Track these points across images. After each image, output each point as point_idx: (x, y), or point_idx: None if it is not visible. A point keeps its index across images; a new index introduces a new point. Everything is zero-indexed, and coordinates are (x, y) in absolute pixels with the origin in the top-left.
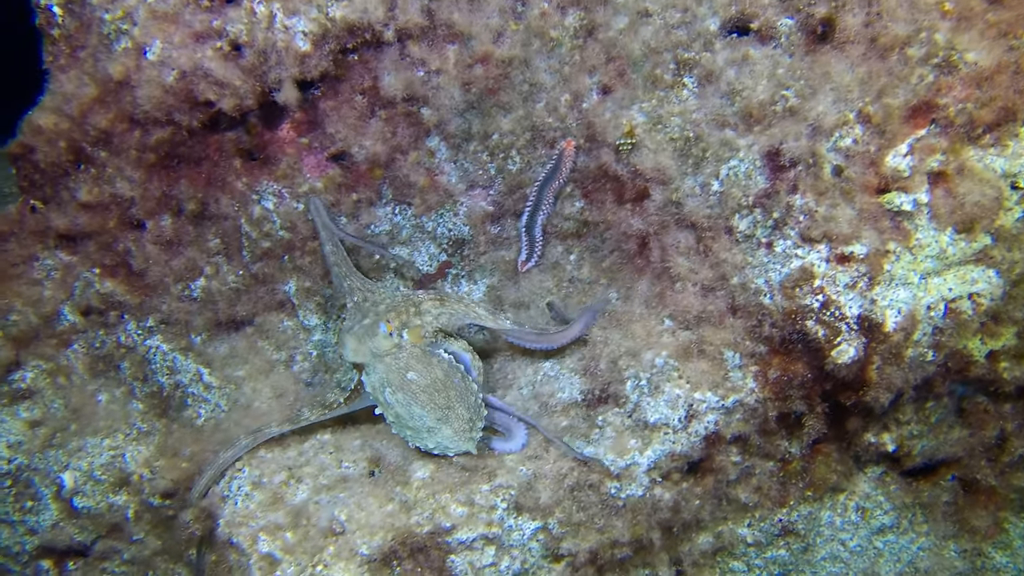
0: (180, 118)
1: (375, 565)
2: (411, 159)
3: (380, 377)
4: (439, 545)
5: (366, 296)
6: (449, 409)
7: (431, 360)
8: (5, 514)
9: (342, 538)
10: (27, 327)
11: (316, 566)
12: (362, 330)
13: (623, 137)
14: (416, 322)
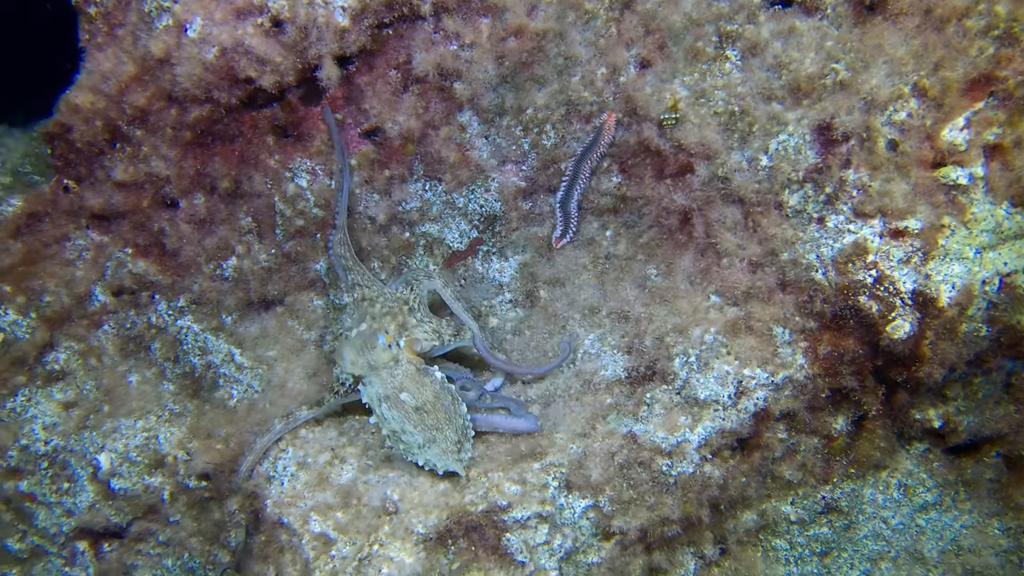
0: (219, 95)
1: (431, 544)
2: (442, 134)
3: (377, 391)
4: (494, 523)
5: (364, 294)
6: (438, 431)
7: (424, 380)
8: (42, 496)
9: (396, 517)
10: (60, 308)
11: (372, 545)
12: (360, 340)
13: (667, 111)
14: (411, 321)
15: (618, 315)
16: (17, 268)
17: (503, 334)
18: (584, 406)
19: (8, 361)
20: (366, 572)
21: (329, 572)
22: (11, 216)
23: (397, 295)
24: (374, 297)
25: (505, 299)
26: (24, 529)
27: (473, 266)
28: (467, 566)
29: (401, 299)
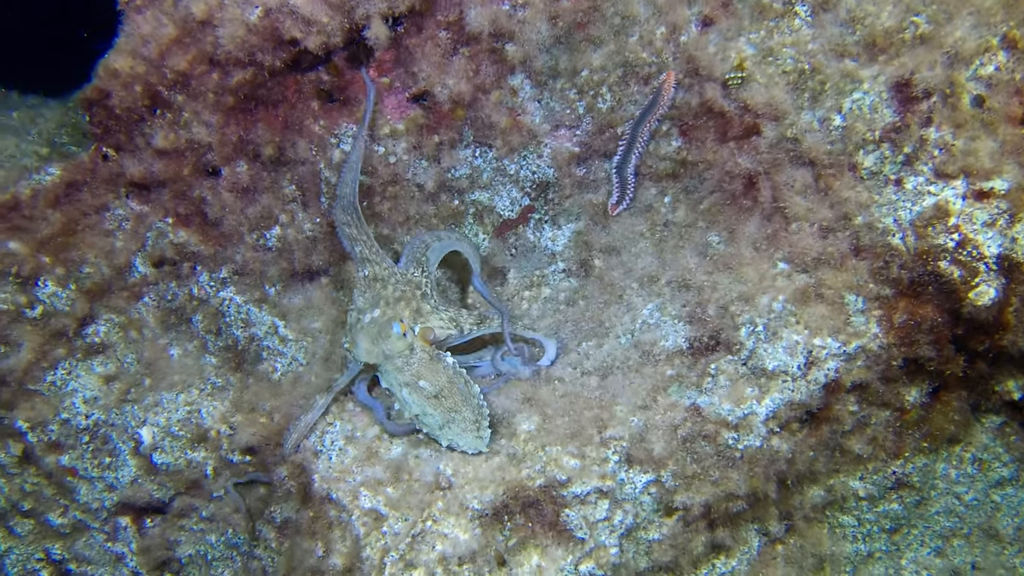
0: (263, 58)
1: (486, 520)
2: (493, 98)
3: (396, 378)
4: (553, 499)
5: (375, 272)
6: (455, 412)
7: (437, 367)
8: (84, 470)
9: (450, 492)
10: (100, 279)
11: (425, 521)
12: (375, 329)
13: (733, 70)
14: (426, 308)
15: (678, 284)
16: (56, 238)
17: (556, 304)
18: (644, 378)
19: (48, 333)
20: (419, 549)
21: (381, 549)
22: (49, 185)
23: (408, 277)
24: (385, 277)
25: (558, 268)
26: (66, 504)
27: (524, 235)
28: (524, 543)
29: (413, 282)
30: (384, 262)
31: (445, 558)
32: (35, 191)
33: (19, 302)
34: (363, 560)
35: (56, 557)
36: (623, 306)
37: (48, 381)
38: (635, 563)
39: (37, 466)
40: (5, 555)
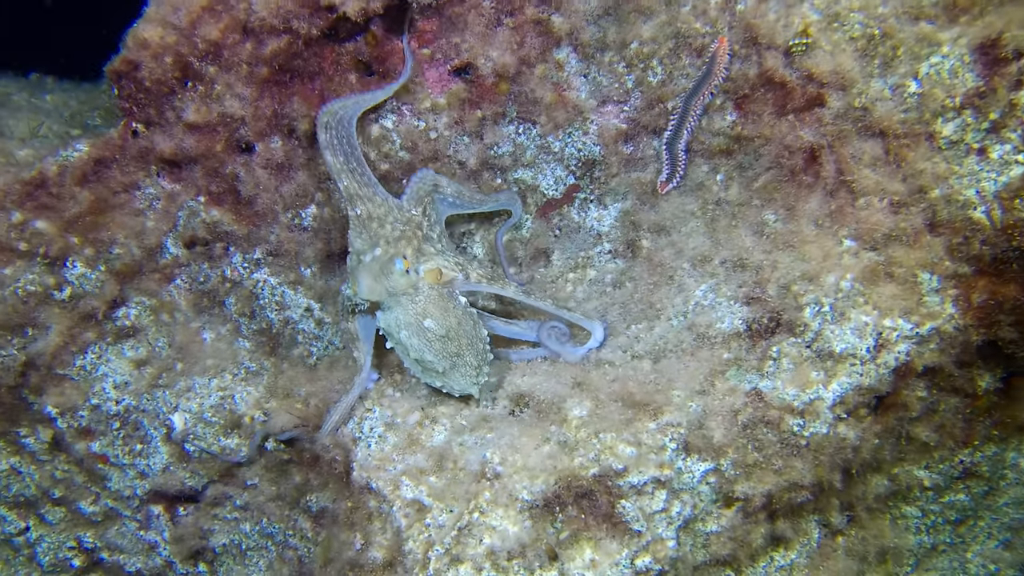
0: (298, 25)
1: (537, 511)
2: (538, 72)
3: (396, 318)
4: (608, 489)
5: (368, 211)
6: (458, 357)
7: (448, 305)
8: (115, 457)
9: (498, 482)
10: (130, 260)
11: (472, 513)
12: (377, 266)
13: (797, 36)
14: (430, 250)
15: (733, 263)
16: (85, 218)
17: (602, 287)
18: (700, 361)
19: (77, 316)
20: (466, 542)
21: (424, 542)
22: (77, 162)
23: (408, 215)
24: (382, 216)
25: (604, 249)
26: (97, 491)
27: (569, 215)
28: (576, 536)
29: (413, 221)
30: (378, 196)
31: (493, 552)
32: (62, 168)
33: (47, 283)
34: (405, 554)
35: (88, 545)
36: (674, 287)
37: (78, 365)
38: (692, 557)
39: (68, 453)
40: (37, 543)
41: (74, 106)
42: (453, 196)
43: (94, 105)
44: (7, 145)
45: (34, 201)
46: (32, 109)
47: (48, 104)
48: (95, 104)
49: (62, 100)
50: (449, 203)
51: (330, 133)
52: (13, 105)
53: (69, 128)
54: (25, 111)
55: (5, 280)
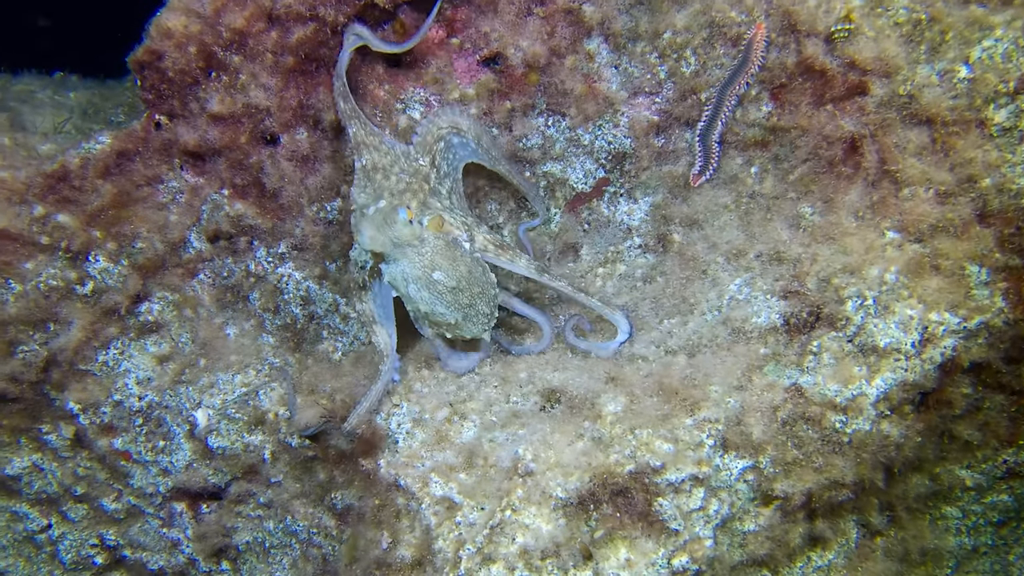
0: (325, 12)
1: (571, 509)
2: (568, 63)
3: (403, 271)
4: (645, 487)
5: (374, 161)
6: (471, 307)
7: (455, 255)
8: (138, 454)
9: (531, 479)
10: (153, 255)
11: (504, 511)
12: (380, 216)
13: (840, 22)
14: (436, 205)
15: (770, 257)
16: (107, 211)
17: (633, 281)
18: (736, 356)
19: (99, 311)
20: (498, 541)
21: (455, 541)
22: (99, 154)
23: (415, 165)
24: (387, 166)
25: (634, 244)
26: (120, 488)
27: (599, 209)
28: (611, 534)
29: (420, 172)
30: (384, 145)
31: (527, 551)
32: (84, 160)
33: (69, 278)
34: (435, 552)
35: (111, 543)
36: (708, 281)
37: (100, 361)
38: (729, 556)
39: (90, 449)
40: (59, 540)
41: (98, 102)
42: (475, 139)
43: (117, 101)
44: (30, 140)
45: (56, 194)
46: (55, 106)
47: (71, 101)
48: (118, 100)
49: (86, 97)
50: (471, 149)
51: (342, 80)
52: (36, 102)
53: (92, 124)
54: (48, 108)
55: (27, 274)
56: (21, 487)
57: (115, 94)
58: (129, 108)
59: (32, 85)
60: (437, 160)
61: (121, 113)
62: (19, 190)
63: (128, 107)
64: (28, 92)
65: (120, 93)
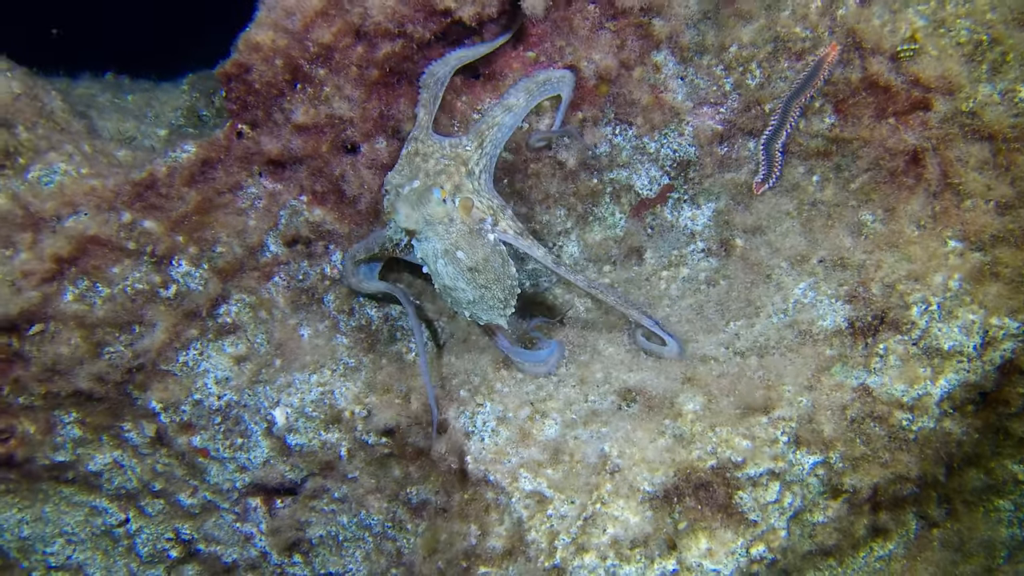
0: (412, 30)
1: (657, 502)
2: (636, 75)
3: (435, 247)
4: (726, 481)
5: (417, 148)
6: (486, 289)
7: (476, 242)
8: (216, 451)
9: (618, 475)
10: (232, 259)
11: (595, 504)
12: (415, 196)
13: (905, 42)
14: (468, 186)
15: (833, 263)
16: (191, 217)
17: (696, 284)
18: (804, 357)
19: (181, 314)
20: (590, 532)
21: (548, 532)
22: (185, 163)
23: (457, 151)
24: (428, 152)
25: (697, 248)
26: (196, 484)
27: (662, 214)
28: (694, 526)
29: (460, 157)
30: (430, 140)
31: (617, 541)
32: (171, 169)
33: (154, 282)
34: (528, 543)
35: (185, 536)
36: (772, 285)
37: (180, 361)
38: (800, 546)
39: (169, 447)
40: (136, 534)
41: (156, 106)
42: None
43: (174, 104)
44: (107, 146)
45: (143, 201)
46: (116, 110)
47: (130, 104)
48: (175, 103)
49: (143, 100)
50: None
51: (427, 78)
52: (99, 106)
53: (153, 128)
54: (111, 112)
55: (114, 278)
56: (102, 483)
57: (171, 97)
58: (187, 112)
59: (92, 88)
60: (485, 142)
61: (180, 117)
62: (108, 198)
63: (186, 111)
64: (90, 96)
65: (176, 96)
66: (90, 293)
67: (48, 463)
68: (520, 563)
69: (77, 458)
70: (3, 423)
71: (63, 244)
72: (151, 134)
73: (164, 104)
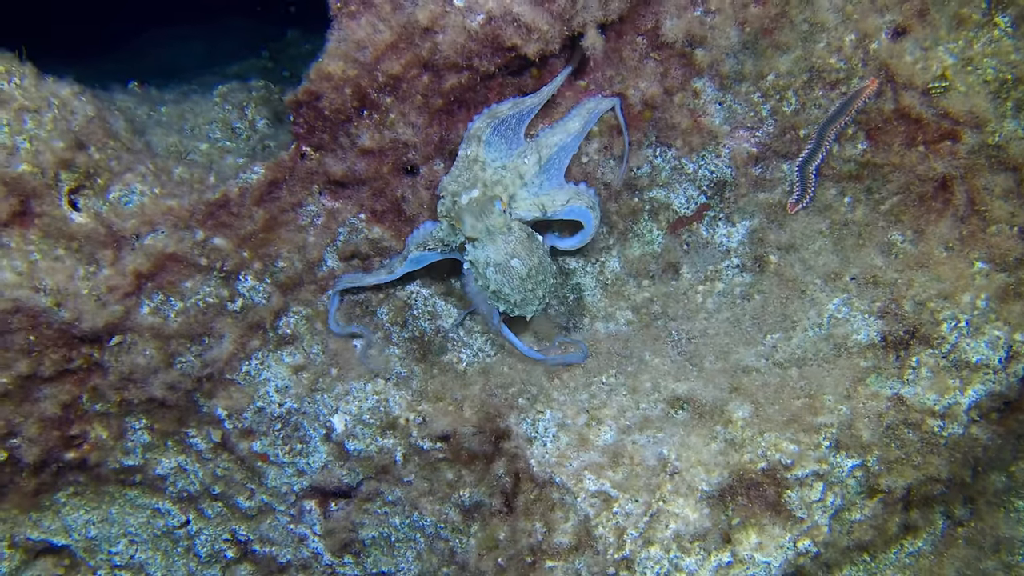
0: (479, 64)
1: (714, 501)
2: (677, 100)
3: (487, 256)
4: (776, 481)
5: (476, 153)
6: (532, 293)
7: (532, 246)
8: (275, 456)
9: (678, 476)
10: (293, 273)
11: (658, 502)
12: (477, 207)
13: (936, 80)
14: (522, 195)
15: (865, 280)
16: (257, 235)
17: (732, 299)
18: (841, 369)
19: (246, 326)
20: (655, 527)
21: (614, 528)
22: (255, 183)
23: (516, 162)
24: (488, 161)
25: (732, 264)
26: (253, 487)
27: (698, 231)
28: (746, 522)
29: (519, 170)
30: (483, 151)
31: (679, 535)
32: (243, 190)
33: (223, 296)
34: (596, 539)
35: (242, 538)
36: (807, 301)
37: (244, 371)
38: (839, 541)
39: (231, 451)
40: (196, 536)
41: (191, 119)
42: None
43: (208, 118)
44: (166, 164)
45: (215, 220)
46: (156, 123)
47: (165, 117)
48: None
49: (176, 112)
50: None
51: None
52: (140, 120)
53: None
54: (153, 126)
55: (186, 292)
56: (166, 486)
57: (203, 109)
58: (222, 124)
59: (127, 101)
60: (543, 159)
61: (216, 129)
62: (184, 217)
63: (221, 123)
64: (129, 109)
65: (208, 108)
66: (164, 306)
67: (118, 467)
68: (588, 556)
69: (145, 462)
70: (77, 429)
71: (143, 261)
72: (194, 148)
73: (198, 116)
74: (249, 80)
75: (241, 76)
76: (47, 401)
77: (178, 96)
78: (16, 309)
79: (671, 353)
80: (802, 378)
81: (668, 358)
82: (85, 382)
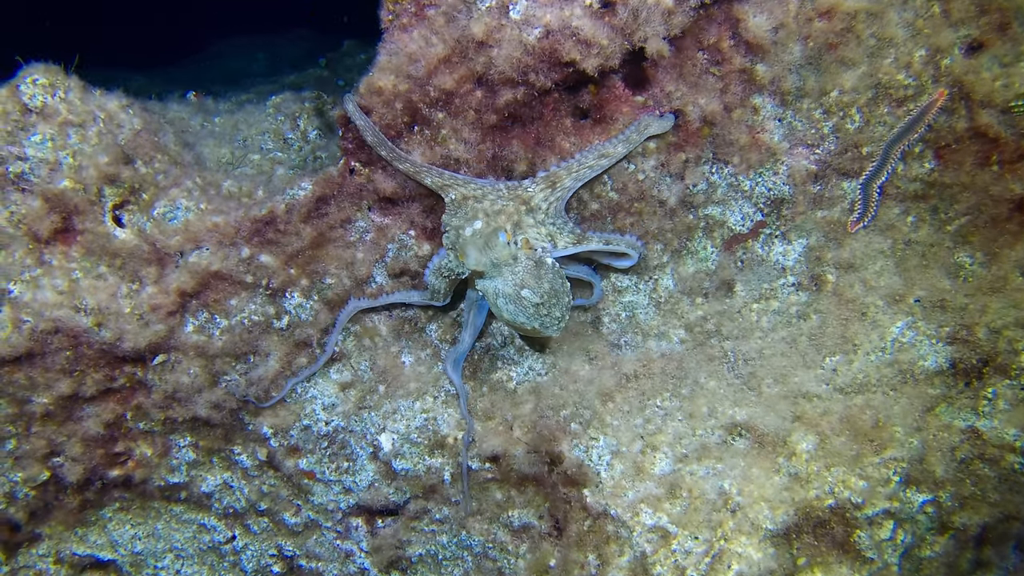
0: (535, 79)
1: (779, 539)
2: (735, 116)
3: (496, 287)
4: (845, 520)
5: (462, 193)
6: (548, 317)
7: (541, 273)
8: (322, 474)
9: (740, 512)
10: (341, 290)
11: (720, 540)
12: (481, 240)
13: (1018, 98)
14: (528, 221)
15: (932, 303)
16: (305, 252)
17: (788, 317)
18: (908, 397)
19: (293, 344)
20: (718, 568)
21: (673, 567)
22: (303, 200)
23: (516, 192)
24: (478, 195)
25: (787, 282)
26: (300, 504)
27: (753, 249)
28: (812, 562)
29: (521, 198)
30: (471, 183)
31: None
32: (290, 206)
33: (269, 313)
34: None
35: (288, 553)
36: (868, 323)
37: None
38: None
39: (277, 469)
40: (242, 551)
41: (244, 130)
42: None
43: (261, 128)
44: (215, 177)
45: (261, 237)
46: (209, 135)
47: (219, 128)
48: (261, 127)
49: (230, 123)
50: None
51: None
52: (193, 131)
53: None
54: (206, 137)
55: (232, 311)
56: (212, 502)
57: (256, 120)
58: (274, 134)
59: (181, 112)
60: (559, 184)
61: (268, 140)
62: (230, 233)
63: (273, 133)
64: (181, 119)
65: (261, 119)
66: (209, 325)
67: (163, 484)
68: None
69: (190, 479)
70: (122, 447)
71: (187, 279)
72: (245, 159)
73: (251, 127)
74: (303, 91)
75: (297, 86)
76: (90, 420)
77: (232, 106)
78: (56, 329)
79: (727, 375)
80: (868, 407)
81: (724, 380)
82: (129, 401)
